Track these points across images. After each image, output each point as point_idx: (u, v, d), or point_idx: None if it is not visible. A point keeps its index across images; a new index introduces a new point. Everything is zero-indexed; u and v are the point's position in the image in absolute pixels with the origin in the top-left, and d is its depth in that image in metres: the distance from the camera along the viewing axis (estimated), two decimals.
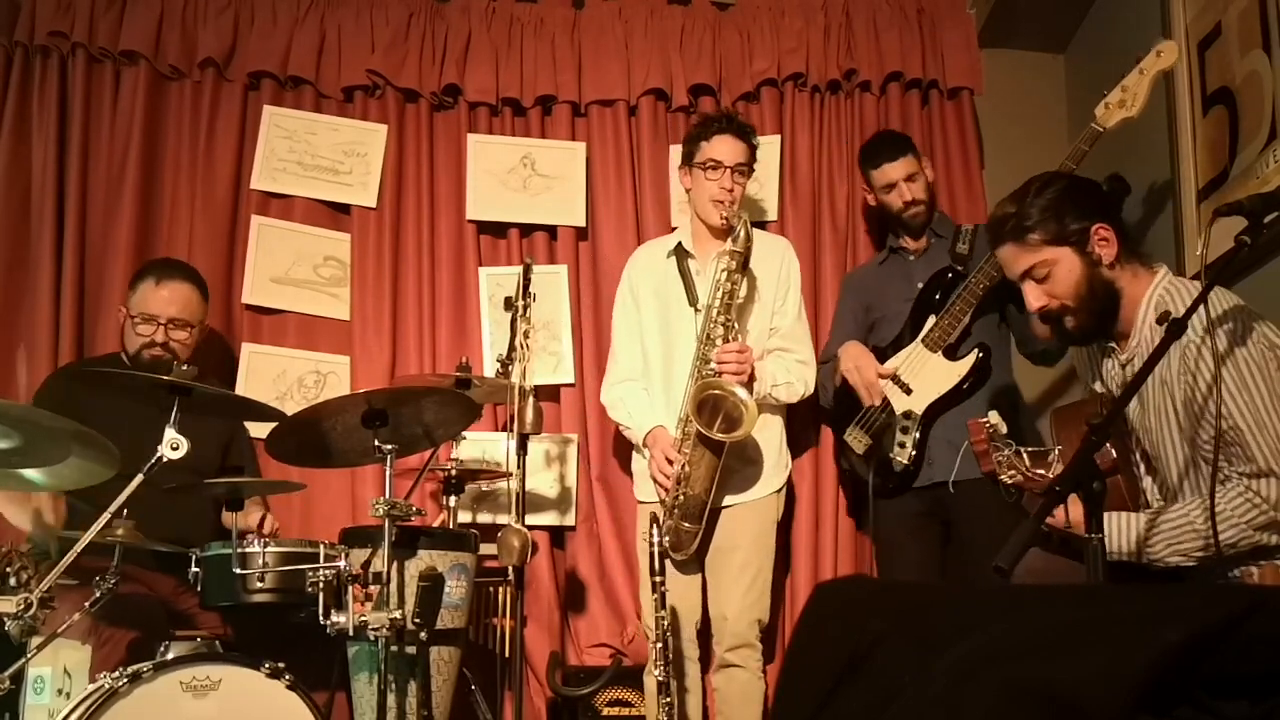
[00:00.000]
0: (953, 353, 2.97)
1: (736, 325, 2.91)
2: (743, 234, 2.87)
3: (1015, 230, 2.08)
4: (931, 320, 3.00)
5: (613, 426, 3.31)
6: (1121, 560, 1.98)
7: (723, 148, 3.00)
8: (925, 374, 2.98)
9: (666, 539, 2.83)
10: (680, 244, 3.11)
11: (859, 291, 3.28)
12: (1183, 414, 1.98)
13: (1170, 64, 2.64)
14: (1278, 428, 1.87)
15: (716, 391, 2.79)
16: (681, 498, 2.84)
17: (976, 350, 2.95)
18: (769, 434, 3.00)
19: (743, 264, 2.88)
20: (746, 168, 3.05)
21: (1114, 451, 2.02)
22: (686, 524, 2.85)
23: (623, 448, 3.42)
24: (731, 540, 2.91)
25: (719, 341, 2.86)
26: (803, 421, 3.32)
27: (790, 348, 3.03)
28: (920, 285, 3.07)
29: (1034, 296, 2.09)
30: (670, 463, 2.86)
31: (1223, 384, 1.89)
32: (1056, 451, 2.04)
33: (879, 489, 3.03)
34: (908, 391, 2.99)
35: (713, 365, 2.84)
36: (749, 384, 2.83)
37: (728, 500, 2.92)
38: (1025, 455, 2.02)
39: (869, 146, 3.27)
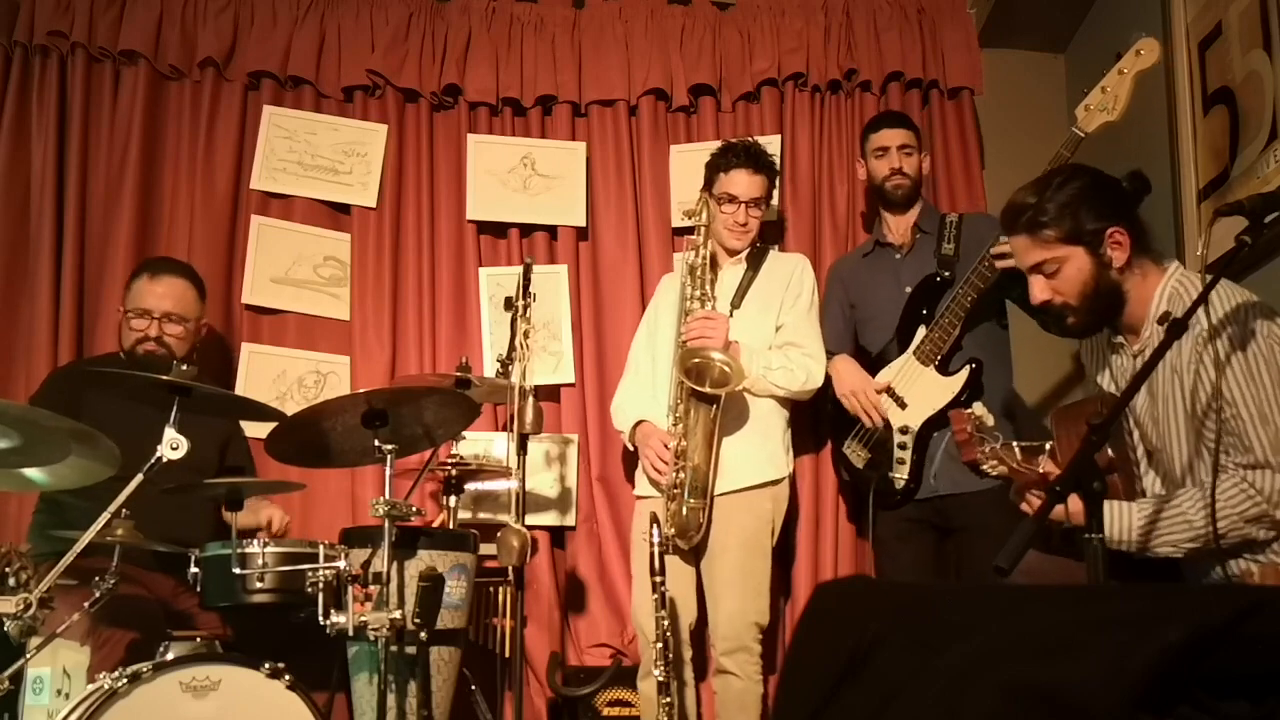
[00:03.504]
0: (945, 367, 2.95)
1: (713, 297, 2.96)
2: (704, 212, 3.01)
3: (1031, 223, 2.09)
4: (922, 332, 2.98)
5: (613, 426, 3.31)
6: (1119, 550, 1.98)
7: (740, 183, 3.02)
8: (919, 388, 2.96)
9: (672, 529, 2.83)
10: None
11: (845, 283, 3.26)
12: (1190, 403, 1.99)
13: (1152, 63, 2.55)
14: None
15: (697, 360, 2.81)
16: (683, 474, 2.83)
17: (969, 365, 2.93)
18: (769, 426, 2.99)
19: (706, 237, 3.00)
20: (763, 200, 3.08)
21: (1110, 450, 2.02)
22: (692, 500, 2.84)
23: (624, 448, 3.43)
24: (723, 540, 2.89)
25: None
26: (802, 424, 3.31)
27: (797, 342, 3.01)
28: (908, 289, 3.05)
29: (1039, 289, 2.11)
30: (666, 445, 2.86)
31: (1231, 373, 1.91)
32: (1048, 447, 2.04)
33: (880, 502, 3.04)
34: (902, 405, 2.98)
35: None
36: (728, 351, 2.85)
37: (721, 486, 2.88)
38: (1017, 449, 2.02)
39: (876, 116, 3.30)
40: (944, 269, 3.00)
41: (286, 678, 2.31)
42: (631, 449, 3.07)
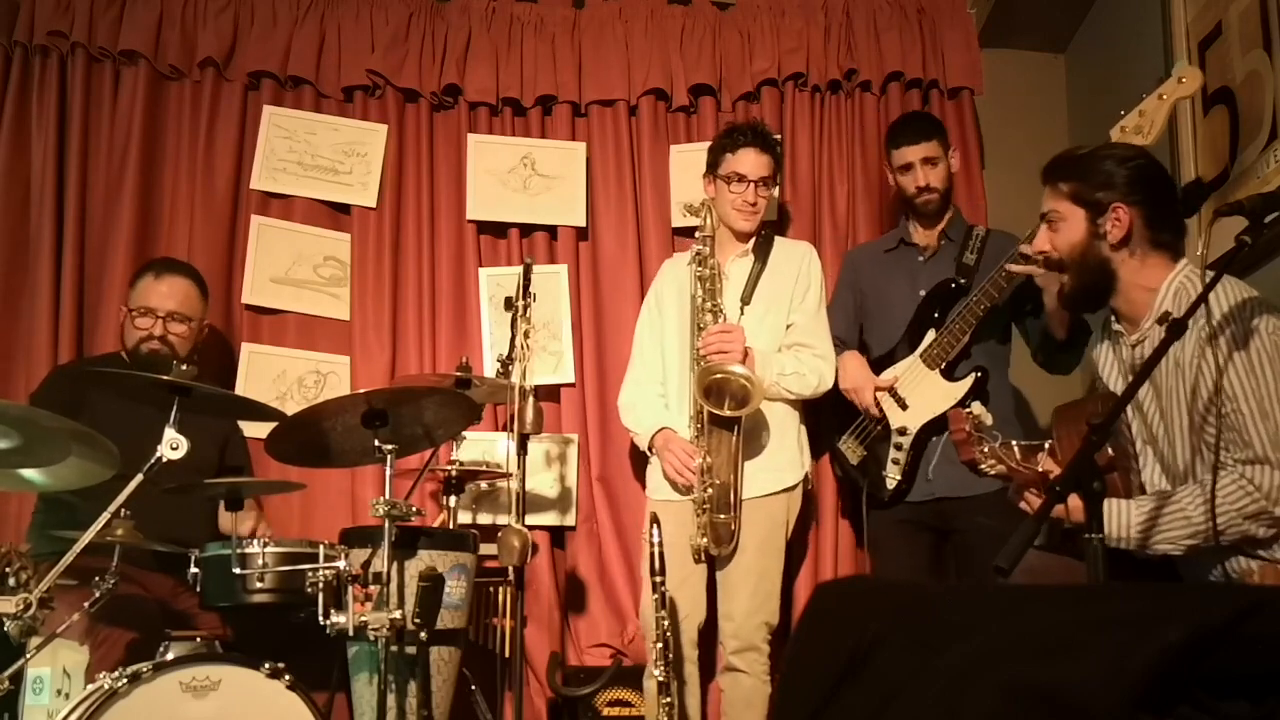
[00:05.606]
0: (950, 372, 2.94)
1: (725, 311, 2.92)
2: (709, 220, 2.96)
3: (1058, 169, 2.15)
4: (931, 335, 2.97)
5: (613, 426, 3.31)
6: (1118, 548, 1.98)
7: (747, 162, 3.00)
8: (922, 391, 2.96)
9: (705, 538, 2.83)
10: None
11: (859, 272, 3.25)
12: (1191, 397, 1.99)
13: (1192, 91, 2.51)
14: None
15: (718, 375, 2.80)
16: (710, 490, 2.83)
17: (975, 372, 2.92)
18: (783, 429, 2.98)
19: (713, 248, 2.96)
20: (771, 179, 3.06)
21: (1110, 449, 2.02)
22: (721, 516, 2.83)
23: (625, 448, 3.42)
24: (740, 543, 2.88)
25: None
26: (807, 424, 3.31)
27: (808, 343, 3.01)
28: (923, 292, 3.04)
29: (1040, 238, 2.18)
30: (691, 456, 2.85)
31: (1233, 368, 1.91)
32: (1047, 445, 2.04)
33: (872, 501, 3.04)
34: (904, 406, 2.98)
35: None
36: (745, 362, 2.83)
37: (742, 493, 2.88)
38: (1015, 448, 2.03)
39: (897, 124, 3.24)
40: (962, 276, 3.00)
41: (286, 678, 2.31)
42: (647, 452, 3.05)
